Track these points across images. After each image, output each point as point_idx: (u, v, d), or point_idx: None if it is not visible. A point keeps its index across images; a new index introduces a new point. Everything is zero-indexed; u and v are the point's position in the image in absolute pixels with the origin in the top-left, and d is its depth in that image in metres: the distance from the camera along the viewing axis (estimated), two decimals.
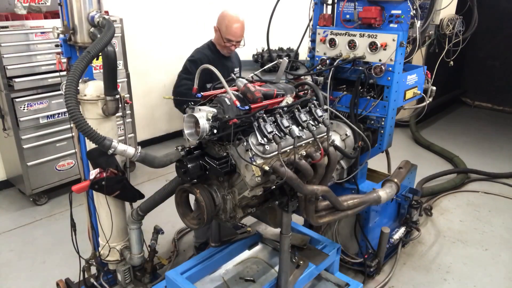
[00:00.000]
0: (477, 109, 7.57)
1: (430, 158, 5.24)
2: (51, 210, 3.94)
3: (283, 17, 3.78)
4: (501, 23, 6.97)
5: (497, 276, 3.11)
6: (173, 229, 3.50)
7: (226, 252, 2.45)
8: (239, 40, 2.87)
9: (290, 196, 1.99)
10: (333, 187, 2.50)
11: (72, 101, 1.68)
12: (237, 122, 1.73)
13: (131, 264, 2.54)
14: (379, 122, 2.67)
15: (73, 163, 4.07)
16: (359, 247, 2.93)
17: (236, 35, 2.83)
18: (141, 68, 5.09)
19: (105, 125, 2.22)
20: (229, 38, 2.83)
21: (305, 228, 2.74)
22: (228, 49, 2.93)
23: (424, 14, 2.65)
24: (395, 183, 2.66)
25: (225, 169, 1.81)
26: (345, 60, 2.59)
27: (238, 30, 2.82)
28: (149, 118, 5.42)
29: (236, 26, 2.80)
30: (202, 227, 2.04)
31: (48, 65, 3.71)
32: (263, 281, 2.37)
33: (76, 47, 2.15)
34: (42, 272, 3.09)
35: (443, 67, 2.94)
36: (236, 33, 2.82)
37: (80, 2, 2.04)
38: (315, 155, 1.94)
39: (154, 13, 5.10)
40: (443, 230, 3.67)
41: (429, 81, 2.97)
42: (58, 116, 3.88)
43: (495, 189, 4.41)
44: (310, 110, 2.00)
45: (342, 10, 2.70)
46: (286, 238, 2.08)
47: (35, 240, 3.50)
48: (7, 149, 4.01)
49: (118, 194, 2.29)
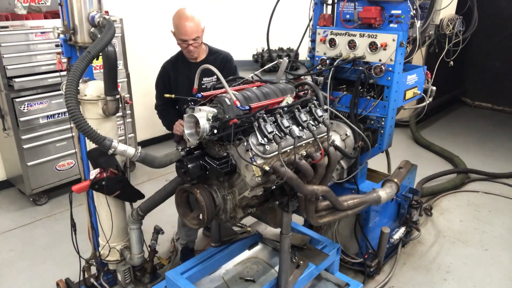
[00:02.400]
0: (477, 109, 7.57)
1: (430, 158, 5.24)
2: (51, 210, 3.94)
3: (283, 17, 3.77)
4: (501, 23, 6.96)
5: (497, 276, 3.11)
6: (173, 229, 3.50)
7: (226, 252, 2.45)
8: (194, 38, 2.63)
9: (290, 196, 1.99)
10: (333, 187, 2.49)
11: (73, 101, 1.68)
12: (237, 122, 1.73)
13: (131, 264, 2.54)
14: (379, 122, 2.67)
15: (73, 163, 4.07)
16: (359, 247, 2.93)
17: (187, 33, 2.61)
18: (141, 68, 5.08)
19: (105, 125, 2.22)
20: (182, 38, 2.64)
21: (305, 228, 2.74)
22: (187, 51, 2.71)
23: (424, 14, 2.65)
24: (395, 183, 2.66)
25: (225, 169, 1.81)
26: (345, 60, 2.59)
27: (190, 28, 2.60)
28: (149, 118, 5.40)
29: (188, 24, 2.59)
30: (203, 227, 2.04)
31: (48, 65, 3.71)
32: (263, 281, 2.37)
33: (76, 47, 2.15)
34: (42, 272, 3.09)
35: (443, 67, 2.94)
36: (187, 31, 2.60)
37: (80, 2, 2.03)
38: (315, 155, 1.94)
39: (154, 13, 5.10)
40: (443, 230, 3.67)
41: (429, 81, 2.97)
42: (58, 116, 3.88)
43: (495, 189, 4.41)
44: (310, 110, 2.00)
45: (342, 10, 2.70)
46: (286, 238, 2.08)
47: (35, 240, 3.50)
48: (7, 149, 4.01)
49: (118, 194, 2.29)
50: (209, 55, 2.86)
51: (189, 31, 2.62)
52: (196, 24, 2.63)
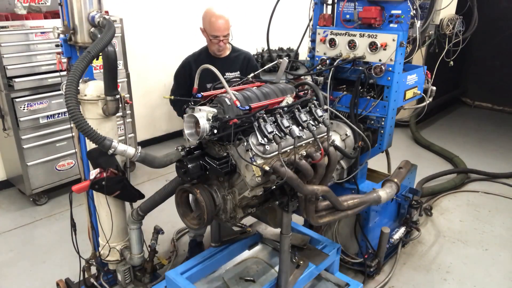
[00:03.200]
0: (477, 109, 7.57)
1: (430, 158, 5.24)
2: (51, 210, 3.94)
3: (283, 17, 3.78)
4: (501, 23, 6.96)
5: (497, 276, 3.11)
6: (173, 229, 3.50)
7: (226, 252, 2.45)
8: (225, 35, 2.81)
9: (290, 196, 1.99)
10: (333, 187, 2.49)
11: (73, 101, 1.68)
12: (237, 122, 1.73)
13: (131, 264, 2.54)
14: (379, 122, 2.66)
15: (73, 163, 4.07)
16: (359, 247, 2.93)
17: (221, 29, 2.78)
18: (141, 68, 5.09)
19: (105, 125, 2.22)
20: (215, 34, 2.79)
21: (305, 228, 2.74)
22: (217, 47, 2.87)
23: (424, 14, 2.65)
24: (395, 183, 2.66)
25: (225, 169, 1.81)
26: (345, 60, 2.59)
27: (222, 24, 2.77)
28: (149, 118, 5.41)
29: (220, 21, 2.76)
30: (202, 227, 2.04)
31: (48, 65, 3.71)
32: (263, 281, 2.38)
33: (76, 47, 2.15)
34: (42, 272, 3.09)
35: (443, 67, 2.94)
36: (220, 27, 2.77)
37: (80, 2, 2.03)
38: (315, 155, 1.94)
39: (154, 13, 5.10)
40: (443, 230, 3.67)
41: (429, 81, 2.97)
42: (58, 116, 3.88)
43: (495, 189, 4.41)
44: (310, 110, 2.00)
45: (342, 10, 2.70)
46: (286, 238, 2.08)
47: (35, 240, 3.50)
48: (7, 149, 4.01)
49: (118, 194, 2.29)
50: (232, 52, 3.02)
51: (222, 27, 2.78)
52: (227, 21, 2.80)
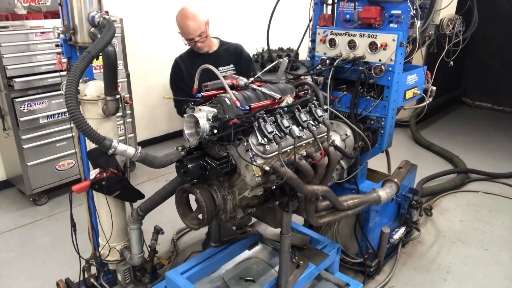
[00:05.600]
0: (477, 109, 7.57)
1: (430, 158, 5.24)
2: (51, 210, 3.94)
3: (283, 17, 3.78)
4: (501, 23, 6.97)
5: (497, 276, 3.11)
6: (173, 229, 3.50)
7: (226, 252, 2.45)
8: (198, 35, 2.65)
9: (290, 196, 1.99)
10: (333, 187, 2.50)
11: (73, 101, 1.68)
12: (237, 122, 1.73)
13: (131, 264, 2.54)
14: (379, 122, 2.67)
15: (73, 163, 4.07)
16: (359, 247, 2.93)
17: (190, 31, 2.63)
18: (141, 68, 5.09)
19: (105, 125, 2.22)
20: (187, 37, 2.67)
21: (305, 228, 2.74)
22: (196, 48, 2.75)
23: (424, 14, 2.65)
24: (395, 183, 2.66)
25: (225, 169, 1.81)
26: (345, 60, 2.59)
27: (192, 26, 2.61)
28: (149, 118, 5.41)
29: (189, 23, 2.61)
30: (202, 227, 2.04)
31: (48, 65, 3.71)
32: (263, 281, 2.37)
33: (76, 47, 2.15)
34: (42, 272, 3.09)
35: (443, 67, 2.94)
36: (189, 30, 2.63)
37: (80, 2, 2.03)
38: (315, 155, 1.94)
39: (154, 13, 5.10)
40: (443, 230, 3.67)
41: (429, 81, 2.97)
42: (58, 116, 3.88)
43: (495, 189, 4.41)
44: (310, 110, 2.00)
45: (342, 10, 2.70)
46: (286, 238, 2.08)
47: (35, 240, 3.50)
48: (7, 149, 4.01)
49: (118, 194, 2.29)
50: (221, 46, 2.91)
51: (192, 29, 2.65)
52: (197, 21, 2.65)
